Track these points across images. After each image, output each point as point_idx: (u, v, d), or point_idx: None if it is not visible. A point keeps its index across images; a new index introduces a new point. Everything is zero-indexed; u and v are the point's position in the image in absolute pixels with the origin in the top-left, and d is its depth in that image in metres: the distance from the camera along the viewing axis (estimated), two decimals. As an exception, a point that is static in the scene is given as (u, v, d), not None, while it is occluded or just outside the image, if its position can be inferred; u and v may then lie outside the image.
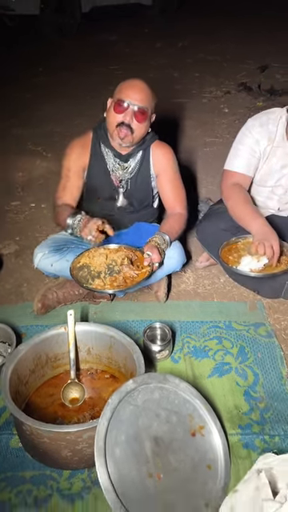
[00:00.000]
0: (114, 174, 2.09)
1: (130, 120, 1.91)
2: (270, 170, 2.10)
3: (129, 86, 1.93)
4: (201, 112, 4.31)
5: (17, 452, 1.53)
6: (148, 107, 1.93)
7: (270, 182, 2.14)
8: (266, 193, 2.18)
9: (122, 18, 7.82)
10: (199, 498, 1.34)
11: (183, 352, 1.89)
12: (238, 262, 1.97)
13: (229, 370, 1.81)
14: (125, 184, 2.11)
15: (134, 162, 2.08)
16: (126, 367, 1.68)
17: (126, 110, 1.90)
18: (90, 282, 1.87)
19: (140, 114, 1.91)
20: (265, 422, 1.61)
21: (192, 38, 6.84)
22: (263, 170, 2.11)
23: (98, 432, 1.30)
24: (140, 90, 1.92)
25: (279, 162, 2.07)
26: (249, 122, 2.11)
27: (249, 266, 1.92)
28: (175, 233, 2.05)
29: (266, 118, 2.07)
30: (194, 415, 1.48)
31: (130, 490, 1.27)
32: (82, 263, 1.96)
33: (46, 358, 1.71)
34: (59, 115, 4.29)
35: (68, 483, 1.44)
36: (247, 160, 2.08)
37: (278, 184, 2.13)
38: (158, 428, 1.40)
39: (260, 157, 2.08)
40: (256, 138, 2.05)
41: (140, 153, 2.08)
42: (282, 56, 5.69)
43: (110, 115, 1.95)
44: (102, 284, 1.85)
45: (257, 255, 1.93)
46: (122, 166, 2.08)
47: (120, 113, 1.91)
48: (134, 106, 1.90)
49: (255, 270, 1.91)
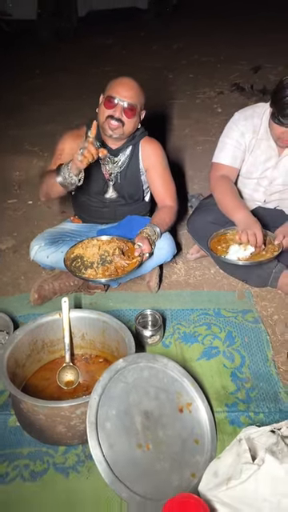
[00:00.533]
0: (105, 167, 2.18)
1: (119, 115, 2.00)
2: (254, 162, 2.19)
3: (119, 84, 2.02)
4: (194, 112, 4.40)
5: (15, 430, 1.61)
6: (137, 104, 2.02)
7: (255, 173, 2.22)
8: (252, 185, 2.27)
9: (117, 21, 7.92)
10: (186, 469, 1.42)
11: (174, 337, 1.97)
12: (227, 252, 2.06)
13: (217, 354, 1.89)
14: (114, 178, 2.20)
15: (123, 156, 2.17)
16: (118, 351, 1.76)
17: (116, 105, 2.00)
18: (83, 271, 1.96)
19: (129, 110, 2.01)
20: (250, 401, 1.69)
21: (186, 40, 6.94)
22: (248, 162, 2.20)
23: (90, 406, 1.39)
24: (129, 88, 2.01)
25: (263, 154, 2.16)
26: (235, 116, 2.20)
27: (236, 254, 2.01)
28: (165, 224, 2.14)
29: (252, 111, 2.16)
30: (182, 393, 1.57)
31: (120, 460, 1.35)
32: (76, 254, 2.04)
33: (42, 344, 1.79)
34: (56, 116, 4.38)
35: (63, 458, 1.52)
36: (233, 152, 2.17)
37: (263, 176, 2.21)
38: (147, 404, 1.48)
39: (245, 149, 2.16)
40: (241, 130, 2.14)
41: (130, 148, 2.17)
42: (274, 57, 5.78)
43: (101, 110, 2.05)
44: (94, 273, 1.94)
45: (244, 244, 2.02)
46: (112, 159, 2.17)
47: (110, 108, 2.01)
48: (124, 103, 1.99)
49: (242, 259, 2.00)
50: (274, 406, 1.67)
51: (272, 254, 2.01)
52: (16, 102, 4.76)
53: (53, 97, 4.86)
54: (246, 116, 2.15)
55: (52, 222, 2.82)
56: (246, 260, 2.00)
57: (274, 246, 2.05)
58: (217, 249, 2.10)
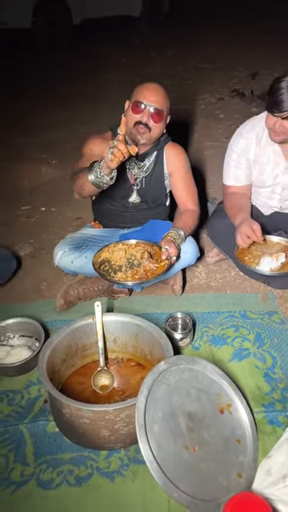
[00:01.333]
0: (130, 172, 2.19)
1: (147, 120, 2.03)
2: (263, 171, 2.23)
3: (146, 89, 2.04)
4: (198, 118, 4.46)
5: (54, 436, 1.61)
6: (164, 109, 2.05)
7: (268, 181, 2.26)
8: (266, 193, 2.31)
9: (111, 29, 7.99)
10: (232, 469, 1.43)
11: (203, 340, 1.99)
12: (256, 263, 2.09)
13: (248, 355, 1.91)
14: (139, 182, 2.22)
15: (149, 161, 2.19)
16: (152, 354, 1.77)
17: (144, 110, 2.02)
18: (112, 275, 1.96)
19: (156, 115, 2.03)
20: (286, 400, 1.71)
21: (181, 47, 7.03)
22: (256, 171, 2.24)
23: (138, 409, 1.39)
24: (156, 93, 2.04)
25: (270, 162, 2.20)
26: (237, 131, 2.26)
27: (269, 265, 2.04)
28: (189, 228, 2.16)
29: (252, 123, 2.21)
30: (222, 394, 1.58)
31: (169, 461, 1.35)
32: (103, 258, 2.05)
33: (75, 348, 1.79)
34: (58, 123, 4.41)
35: (106, 462, 1.52)
36: (234, 173, 2.27)
37: (276, 182, 2.25)
38: (189, 405, 1.49)
39: (250, 163, 2.23)
40: (244, 144, 2.20)
41: (155, 153, 2.19)
42: (270, 62, 5.88)
43: (129, 115, 2.06)
44: (124, 277, 1.95)
45: (275, 255, 2.06)
46: (138, 164, 2.19)
47: (138, 113, 2.03)
48: (151, 107, 2.01)
49: (275, 269, 2.03)
50: (309, 404, 1.69)
51: None
52: (18, 110, 4.77)
53: (55, 105, 4.88)
54: (248, 129, 2.21)
55: (67, 228, 2.83)
56: (278, 270, 2.03)
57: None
58: (244, 260, 2.12)
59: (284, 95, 1.90)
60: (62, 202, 3.12)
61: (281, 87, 1.91)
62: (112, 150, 1.74)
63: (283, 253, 2.05)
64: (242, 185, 2.29)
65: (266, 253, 2.10)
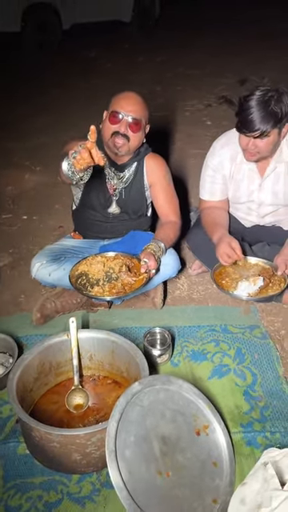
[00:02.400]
0: (110, 182, 2.14)
1: (124, 130, 1.98)
2: (238, 187, 2.19)
3: (123, 98, 2.00)
4: (184, 125, 4.43)
5: (25, 459, 1.54)
6: (142, 118, 2.01)
7: (243, 198, 2.22)
8: (243, 209, 2.27)
9: (101, 34, 7.96)
10: (207, 494, 1.38)
11: (182, 356, 1.94)
12: (233, 287, 2.03)
13: (227, 372, 1.86)
14: (118, 193, 2.17)
15: (128, 172, 2.15)
16: (128, 372, 1.72)
17: (121, 120, 1.97)
18: (89, 289, 1.91)
19: (134, 125, 1.98)
20: (265, 420, 1.66)
21: (170, 53, 7.00)
22: (232, 188, 2.21)
23: (109, 434, 1.33)
24: (134, 102, 1.99)
25: (245, 178, 2.16)
26: (211, 148, 2.21)
27: (246, 290, 1.99)
28: (170, 240, 2.11)
29: (226, 138, 2.16)
30: (198, 415, 1.53)
31: (140, 487, 1.30)
32: (81, 271, 2.00)
33: (49, 366, 1.73)
34: (44, 128, 4.35)
35: (78, 487, 1.46)
36: (209, 188, 2.24)
37: (251, 199, 2.21)
38: (164, 428, 1.44)
39: (225, 178, 2.19)
40: (218, 161, 2.15)
41: (135, 164, 2.14)
42: (258, 68, 5.86)
43: (106, 126, 2.01)
44: (101, 291, 1.90)
45: (252, 279, 2.01)
46: (117, 175, 2.14)
47: (115, 124, 1.98)
48: (129, 117, 1.97)
49: (252, 294, 1.98)
50: (289, 424, 1.64)
51: (280, 287, 2.01)
52: (5, 114, 4.71)
53: (40, 109, 4.83)
54: (222, 144, 2.16)
55: (49, 237, 2.77)
56: (255, 294, 1.98)
57: (279, 278, 2.04)
58: (222, 284, 2.07)
59: (254, 114, 1.83)
60: (44, 210, 3.07)
61: (250, 106, 1.84)
62: (75, 155, 1.62)
63: (261, 277, 2.01)
64: (217, 200, 2.25)
65: (244, 275, 2.06)
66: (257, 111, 1.83)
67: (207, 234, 2.21)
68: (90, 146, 1.59)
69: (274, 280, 2.04)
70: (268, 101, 1.83)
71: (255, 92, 1.86)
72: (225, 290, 2.03)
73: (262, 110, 1.83)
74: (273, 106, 1.83)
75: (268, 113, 1.83)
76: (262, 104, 1.83)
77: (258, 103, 1.83)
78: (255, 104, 1.83)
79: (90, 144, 1.59)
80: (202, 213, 2.29)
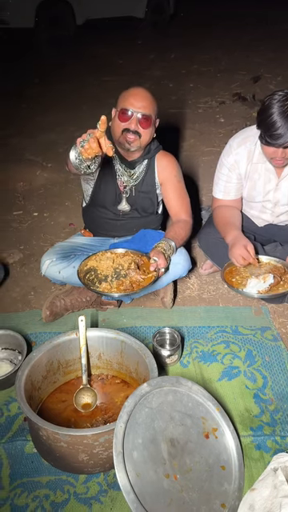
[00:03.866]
0: (120, 179, 2.13)
1: (135, 127, 1.96)
2: (254, 186, 2.15)
3: (131, 95, 1.97)
4: (197, 122, 4.38)
5: (32, 457, 1.54)
6: (151, 113, 1.98)
7: (258, 197, 2.19)
8: (258, 207, 2.24)
9: (115, 30, 7.93)
10: (216, 498, 1.36)
11: (192, 357, 1.92)
12: (243, 285, 2.01)
13: (238, 374, 1.83)
14: (129, 190, 2.15)
15: (139, 169, 2.13)
16: (137, 372, 1.70)
17: (131, 117, 1.95)
18: (96, 285, 1.90)
19: (144, 121, 1.96)
20: (275, 424, 1.64)
21: (184, 50, 6.95)
22: (248, 186, 2.17)
23: (116, 435, 1.32)
24: (142, 98, 1.96)
25: (261, 178, 2.12)
26: (227, 146, 2.17)
27: (256, 288, 1.97)
28: (181, 239, 2.09)
29: (243, 136, 2.11)
30: (207, 417, 1.51)
31: (148, 490, 1.28)
32: (90, 266, 1.98)
33: (57, 364, 1.72)
34: (55, 125, 4.34)
35: (84, 487, 1.45)
36: (224, 187, 2.20)
37: (266, 199, 2.18)
38: (173, 430, 1.42)
39: (240, 177, 2.15)
40: (234, 160, 2.11)
41: (145, 161, 2.12)
42: (273, 66, 5.81)
43: (115, 124, 1.99)
44: (108, 287, 1.88)
45: (263, 276, 1.99)
46: (128, 172, 2.12)
47: (125, 121, 1.96)
48: (138, 114, 1.94)
49: (262, 291, 1.96)
50: (300, 429, 1.62)
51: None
52: (15, 110, 4.72)
53: (52, 106, 4.83)
54: (239, 143, 2.11)
55: (59, 234, 2.77)
56: (265, 292, 1.95)
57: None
58: (232, 282, 2.05)
59: (280, 128, 1.78)
60: (55, 207, 3.06)
61: (273, 118, 1.78)
62: (83, 144, 1.56)
63: (271, 274, 1.97)
64: (231, 199, 2.22)
65: (255, 273, 2.03)
66: (283, 123, 1.77)
67: (219, 232, 2.18)
68: (99, 135, 1.54)
69: (286, 278, 2.00)
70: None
71: (273, 101, 1.80)
72: (234, 287, 2.01)
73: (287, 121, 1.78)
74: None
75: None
76: (285, 113, 1.78)
77: (280, 113, 1.78)
78: (278, 115, 1.78)
79: (99, 133, 1.53)
80: (215, 211, 2.26)
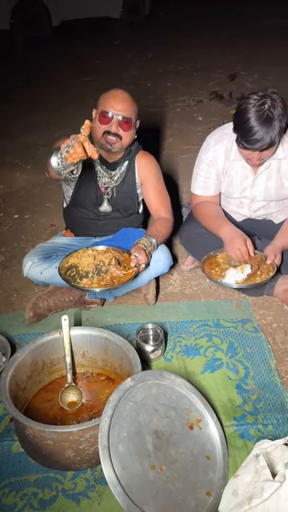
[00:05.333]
0: (101, 180, 2.14)
1: (115, 129, 1.97)
2: (232, 183, 2.19)
3: (111, 97, 1.98)
4: (176, 121, 4.42)
5: (19, 457, 1.55)
6: (132, 116, 2.00)
7: (235, 193, 2.22)
8: (236, 203, 2.28)
9: (91, 31, 7.93)
10: (201, 487, 1.39)
11: (175, 351, 1.95)
12: (222, 276, 2.05)
13: (220, 366, 1.87)
14: (110, 191, 2.17)
15: (120, 170, 2.15)
16: (121, 368, 1.72)
17: (111, 120, 1.96)
18: (77, 281, 1.91)
19: (125, 123, 1.98)
20: (258, 413, 1.68)
21: (161, 49, 7.00)
22: (225, 183, 2.21)
23: (101, 430, 1.34)
24: (123, 100, 1.98)
25: (238, 174, 2.16)
26: (205, 143, 2.20)
27: (234, 278, 2.01)
28: (162, 236, 2.11)
29: (220, 134, 2.14)
30: (191, 409, 1.54)
31: (134, 482, 1.31)
32: (71, 263, 1.99)
33: (42, 364, 1.73)
34: (35, 127, 4.33)
35: (72, 483, 1.47)
36: (203, 183, 2.23)
37: (243, 195, 2.22)
38: (157, 423, 1.45)
39: (219, 173, 2.18)
40: (213, 156, 2.14)
41: (126, 162, 2.14)
42: (249, 64, 5.89)
43: (96, 126, 2.00)
44: (89, 283, 1.89)
45: (240, 266, 2.03)
46: (109, 173, 2.14)
47: (105, 123, 1.97)
48: (119, 116, 1.96)
49: (240, 281, 2.00)
50: (281, 416, 1.66)
51: (268, 275, 2.02)
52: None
53: (31, 107, 4.80)
54: (216, 140, 2.14)
55: (41, 235, 2.77)
56: (243, 282, 1.99)
57: (268, 266, 2.06)
58: (211, 273, 2.09)
59: (257, 132, 1.80)
60: (35, 208, 3.06)
61: (250, 123, 1.80)
62: (68, 149, 1.60)
63: (248, 264, 2.02)
64: (211, 194, 2.25)
65: (233, 264, 2.07)
66: (260, 129, 1.80)
67: (206, 226, 2.20)
68: (83, 139, 1.58)
69: (263, 269, 2.05)
70: (267, 114, 1.80)
71: (249, 106, 1.82)
72: (214, 278, 2.05)
73: (264, 126, 1.80)
74: (273, 117, 1.80)
75: (271, 127, 1.81)
76: (261, 118, 1.80)
77: (257, 119, 1.80)
78: (255, 120, 1.80)
79: (83, 138, 1.57)
80: (197, 207, 2.28)
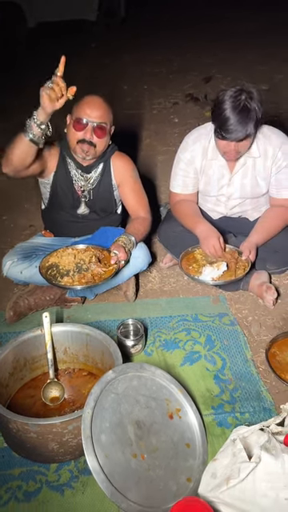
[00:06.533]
0: (77, 183, 2.18)
1: (90, 136, 2.00)
2: (209, 181, 2.26)
3: (86, 104, 2.00)
4: (152, 123, 4.49)
5: (3, 452, 1.58)
6: (107, 122, 2.03)
7: (213, 192, 2.29)
8: (212, 201, 2.35)
9: (67, 32, 7.94)
10: (181, 474, 1.45)
11: (155, 345, 2.00)
12: (199, 272, 2.12)
13: (198, 358, 1.93)
14: (87, 194, 2.20)
15: (95, 173, 2.18)
16: (103, 362, 1.77)
17: (86, 127, 1.99)
18: (58, 279, 1.94)
19: (99, 130, 2.01)
20: (235, 401, 1.74)
21: (136, 52, 7.06)
22: (203, 181, 2.27)
23: (84, 421, 1.38)
24: (98, 107, 2.00)
25: (215, 173, 2.23)
26: (183, 143, 2.27)
27: (210, 275, 2.08)
28: (140, 234, 2.16)
29: (197, 134, 2.21)
30: (171, 399, 1.59)
31: (117, 470, 1.35)
32: (51, 262, 2.02)
33: (24, 361, 1.76)
34: (11, 127, 4.32)
35: (56, 475, 1.50)
36: (182, 181, 2.29)
37: (220, 193, 2.29)
38: (138, 413, 1.50)
39: (197, 171, 2.25)
40: (190, 156, 2.20)
41: (101, 165, 2.18)
42: (223, 67, 6.01)
43: (70, 133, 2.03)
44: (70, 281, 1.92)
45: (216, 264, 2.09)
46: (84, 176, 2.17)
47: (80, 130, 2.00)
48: (93, 123, 1.98)
49: (216, 278, 2.07)
50: (257, 404, 1.73)
51: (243, 271, 2.10)
52: None
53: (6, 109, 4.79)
54: (194, 140, 2.21)
55: (19, 236, 2.78)
56: (219, 278, 2.06)
57: (243, 262, 2.13)
58: (188, 269, 2.15)
59: (234, 122, 1.87)
60: (13, 209, 3.07)
61: (226, 113, 1.87)
62: (50, 84, 1.70)
63: (224, 262, 2.09)
64: (189, 193, 2.31)
65: (210, 261, 2.14)
66: (236, 119, 1.87)
67: (184, 224, 2.26)
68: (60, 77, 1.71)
69: (239, 265, 2.12)
70: (243, 105, 1.87)
71: (226, 97, 1.89)
72: (191, 274, 2.10)
73: (241, 116, 1.87)
74: (249, 108, 1.87)
75: (247, 117, 1.88)
76: (238, 109, 1.86)
77: (233, 109, 1.87)
78: (231, 111, 1.87)
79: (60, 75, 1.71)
80: (176, 206, 2.33)
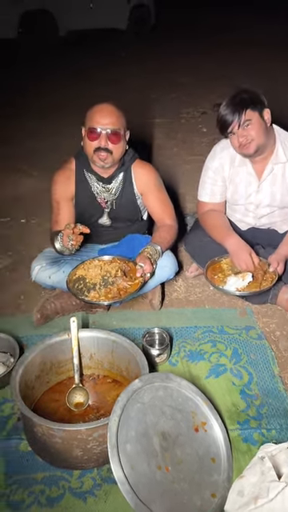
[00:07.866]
0: (100, 196, 2.19)
1: (105, 144, 2.00)
2: (236, 189, 2.25)
3: (97, 112, 2.01)
4: (180, 132, 4.50)
5: (27, 456, 1.58)
6: (120, 128, 2.02)
7: (241, 200, 2.28)
8: (241, 210, 2.33)
9: (98, 41, 8.05)
10: (206, 489, 1.42)
11: (180, 356, 1.98)
12: (224, 282, 2.10)
13: (224, 371, 1.91)
14: (110, 205, 2.21)
15: (116, 183, 2.18)
16: (128, 370, 1.76)
17: (100, 135, 1.99)
18: (85, 293, 1.95)
19: (114, 136, 2.00)
20: (261, 418, 1.71)
21: (166, 60, 7.11)
22: (230, 190, 2.26)
23: (110, 429, 1.37)
24: (108, 114, 2.00)
25: (243, 181, 2.22)
26: (211, 152, 2.28)
27: (235, 285, 2.06)
28: (167, 243, 2.15)
29: (225, 142, 2.20)
30: (197, 412, 1.57)
31: (141, 481, 1.33)
32: (78, 275, 2.03)
33: (50, 365, 1.77)
34: (41, 135, 4.39)
35: (79, 482, 1.50)
36: (211, 190, 2.28)
37: (249, 202, 2.27)
38: (164, 424, 1.48)
39: (225, 180, 2.24)
40: (219, 163, 2.22)
41: (121, 174, 2.17)
42: (252, 77, 5.99)
43: (86, 143, 2.04)
44: (97, 296, 1.93)
45: (241, 274, 2.08)
46: (106, 188, 2.17)
47: (94, 139, 2.00)
48: (107, 130, 1.98)
49: (241, 289, 2.05)
50: (284, 421, 1.69)
51: (270, 283, 2.06)
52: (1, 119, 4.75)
53: (37, 117, 4.87)
54: (222, 148, 2.22)
55: (47, 240, 2.79)
56: (244, 289, 2.04)
57: (271, 274, 2.10)
58: (214, 279, 2.14)
59: (225, 111, 2.00)
60: (42, 213, 3.09)
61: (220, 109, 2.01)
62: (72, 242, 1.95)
63: (249, 272, 2.06)
64: (217, 202, 2.30)
65: (236, 271, 2.12)
66: (226, 108, 2.01)
67: (212, 236, 2.25)
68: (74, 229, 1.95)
69: (266, 277, 2.09)
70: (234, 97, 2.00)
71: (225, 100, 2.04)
72: (215, 284, 2.09)
73: (231, 104, 2.00)
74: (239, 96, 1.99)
75: (236, 103, 1.98)
76: (229, 101, 2.01)
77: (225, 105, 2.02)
78: (224, 106, 2.02)
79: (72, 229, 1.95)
80: (204, 216, 2.32)
